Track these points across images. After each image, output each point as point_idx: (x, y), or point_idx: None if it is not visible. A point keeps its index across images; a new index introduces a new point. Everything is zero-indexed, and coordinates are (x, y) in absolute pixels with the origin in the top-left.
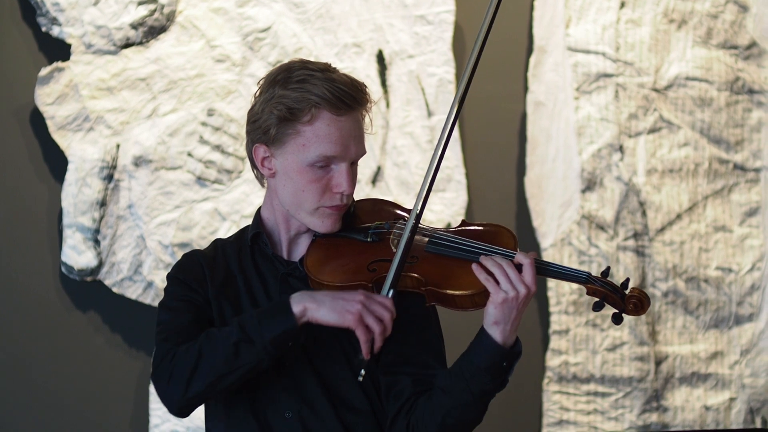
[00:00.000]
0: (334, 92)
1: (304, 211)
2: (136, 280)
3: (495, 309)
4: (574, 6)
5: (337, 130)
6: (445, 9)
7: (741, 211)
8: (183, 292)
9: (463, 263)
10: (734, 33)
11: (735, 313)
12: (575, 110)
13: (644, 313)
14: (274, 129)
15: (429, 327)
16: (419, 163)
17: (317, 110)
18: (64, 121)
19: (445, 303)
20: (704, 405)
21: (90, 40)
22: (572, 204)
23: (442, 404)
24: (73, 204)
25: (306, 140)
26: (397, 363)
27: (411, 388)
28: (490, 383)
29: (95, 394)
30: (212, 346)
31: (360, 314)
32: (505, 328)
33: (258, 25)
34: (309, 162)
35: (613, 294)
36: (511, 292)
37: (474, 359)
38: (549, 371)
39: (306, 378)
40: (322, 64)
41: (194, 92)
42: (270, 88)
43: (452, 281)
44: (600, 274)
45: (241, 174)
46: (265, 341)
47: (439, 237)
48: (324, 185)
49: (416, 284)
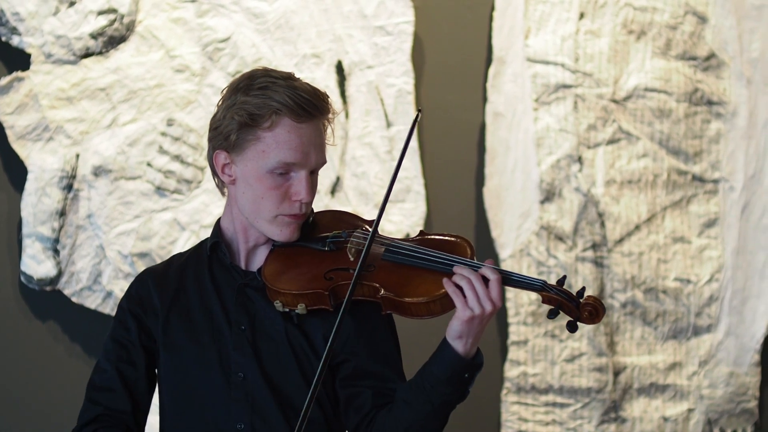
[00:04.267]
0: (296, 99)
1: (262, 219)
2: (95, 290)
3: (460, 325)
4: (534, 17)
5: (298, 137)
6: (404, 20)
7: (699, 223)
8: (119, 333)
9: (419, 271)
10: (693, 44)
11: (693, 324)
12: (534, 121)
13: (599, 321)
14: (234, 135)
15: (388, 339)
16: (378, 174)
17: (278, 116)
18: (24, 130)
19: (401, 311)
20: (662, 416)
21: (50, 50)
22: (531, 215)
23: (403, 417)
24: (32, 213)
25: (266, 146)
26: (356, 376)
27: (371, 401)
28: (452, 394)
29: (54, 404)
30: None
31: None
32: (468, 341)
33: (217, 35)
34: (268, 168)
35: (569, 302)
36: (477, 309)
37: (435, 371)
38: (507, 382)
39: (258, 388)
40: (285, 73)
41: (154, 102)
42: (232, 95)
43: (408, 289)
44: (556, 283)
45: (201, 184)
46: None
47: (396, 246)
48: (283, 193)
49: (372, 292)
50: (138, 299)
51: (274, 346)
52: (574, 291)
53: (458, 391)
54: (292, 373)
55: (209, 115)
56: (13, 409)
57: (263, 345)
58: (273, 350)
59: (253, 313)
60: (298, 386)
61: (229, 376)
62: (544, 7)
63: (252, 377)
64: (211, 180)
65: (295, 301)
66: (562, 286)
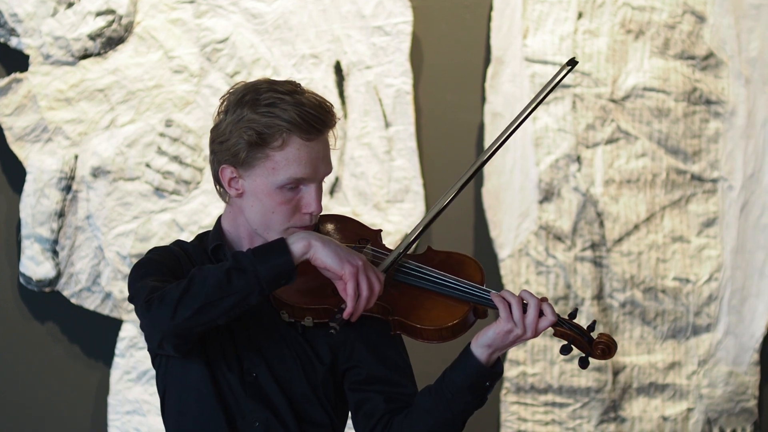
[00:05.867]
0: (304, 117)
1: (273, 231)
2: (94, 291)
3: (495, 334)
4: (532, 16)
5: (307, 154)
6: (402, 20)
7: (698, 222)
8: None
9: (431, 295)
10: (691, 44)
11: (692, 324)
12: (533, 121)
13: (611, 358)
14: (243, 153)
15: (397, 345)
16: (377, 174)
17: (288, 135)
18: (22, 132)
19: (411, 333)
20: (662, 415)
21: (48, 51)
22: (530, 215)
23: (423, 423)
24: (31, 215)
25: (276, 164)
26: (365, 381)
27: (384, 406)
28: (472, 402)
29: (53, 405)
30: (204, 274)
31: (358, 269)
32: (494, 352)
33: (216, 36)
34: (278, 185)
35: (581, 337)
36: (519, 329)
37: (457, 379)
38: (507, 382)
39: (271, 390)
40: (289, 85)
41: (152, 103)
42: (237, 108)
43: (420, 313)
44: (568, 316)
45: (199, 185)
46: (258, 274)
47: (408, 267)
48: (293, 206)
49: (383, 311)
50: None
51: (279, 350)
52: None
53: (478, 399)
54: (298, 378)
55: (208, 115)
56: (13, 410)
57: (270, 349)
58: (279, 355)
59: (259, 317)
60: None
61: (243, 375)
62: (542, 7)
63: (263, 378)
64: (210, 181)
65: (302, 314)
66: (574, 318)
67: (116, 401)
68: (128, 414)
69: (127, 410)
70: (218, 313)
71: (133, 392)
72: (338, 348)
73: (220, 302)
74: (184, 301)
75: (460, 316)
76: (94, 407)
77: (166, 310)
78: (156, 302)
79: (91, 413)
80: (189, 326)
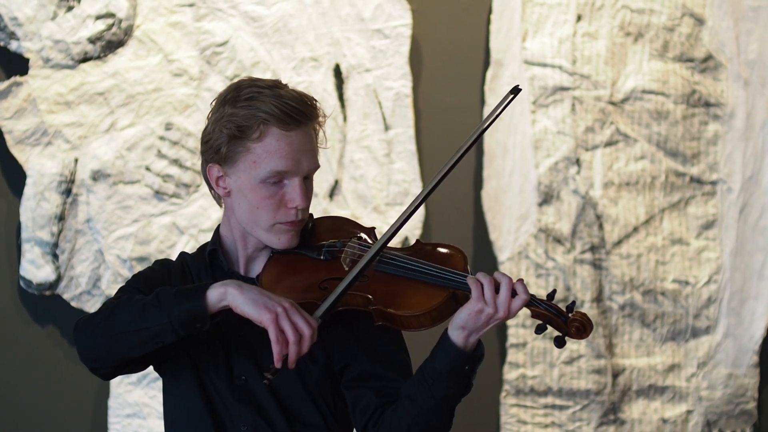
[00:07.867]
0: (282, 108)
1: (260, 228)
2: (94, 294)
3: (467, 315)
4: (531, 19)
5: (287, 145)
6: (401, 23)
7: (698, 224)
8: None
9: (411, 283)
10: (690, 46)
11: (692, 326)
12: (532, 123)
13: (587, 337)
14: (225, 147)
15: (390, 342)
16: (376, 177)
17: (266, 126)
18: (22, 135)
19: (392, 322)
20: (661, 417)
21: (48, 55)
22: (529, 217)
23: (407, 412)
24: (31, 218)
25: (257, 157)
26: (359, 378)
27: (375, 401)
28: (454, 388)
29: (54, 408)
30: (127, 304)
31: (277, 315)
32: (469, 335)
33: (215, 39)
34: (261, 178)
35: (557, 317)
36: (490, 309)
37: (436, 365)
38: (506, 384)
39: (261, 393)
40: (271, 81)
41: (152, 106)
42: (220, 107)
43: (400, 301)
44: (546, 297)
45: (199, 188)
46: (172, 314)
47: (389, 257)
48: (278, 201)
49: (365, 303)
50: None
51: (270, 352)
52: (564, 306)
53: (460, 384)
54: (291, 379)
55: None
56: (13, 413)
57: (261, 351)
58: (270, 355)
59: None
60: (296, 393)
61: (232, 380)
62: (541, 10)
63: (253, 381)
64: None
65: None
66: (551, 300)
67: (116, 404)
68: (128, 417)
69: (127, 413)
70: (131, 344)
71: (133, 395)
72: (331, 346)
73: (132, 335)
74: (101, 328)
75: (438, 301)
76: (94, 410)
77: (87, 332)
78: (82, 323)
79: (91, 416)
80: (105, 353)
